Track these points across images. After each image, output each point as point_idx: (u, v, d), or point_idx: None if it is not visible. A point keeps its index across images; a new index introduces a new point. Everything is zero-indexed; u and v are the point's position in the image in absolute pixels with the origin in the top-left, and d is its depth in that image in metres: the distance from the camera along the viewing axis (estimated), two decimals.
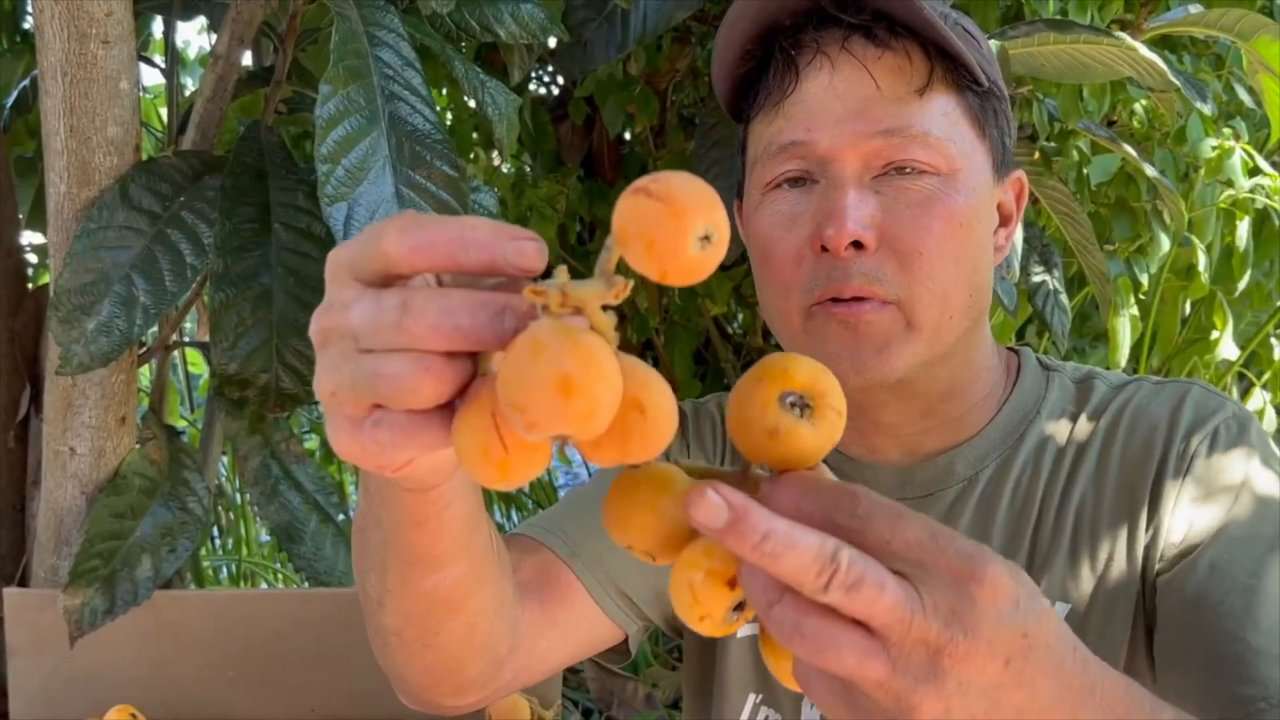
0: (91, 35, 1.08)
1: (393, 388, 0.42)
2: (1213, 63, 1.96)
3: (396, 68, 1.07)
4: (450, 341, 0.42)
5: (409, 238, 0.43)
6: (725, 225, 0.40)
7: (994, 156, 0.83)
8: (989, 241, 0.84)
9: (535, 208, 2.11)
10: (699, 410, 0.98)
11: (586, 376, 0.39)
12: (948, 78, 0.80)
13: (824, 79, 0.79)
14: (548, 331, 0.40)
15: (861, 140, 0.78)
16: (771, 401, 0.46)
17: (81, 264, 1.09)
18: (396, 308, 0.42)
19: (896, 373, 0.79)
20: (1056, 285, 1.61)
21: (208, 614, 1.21)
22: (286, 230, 1.16)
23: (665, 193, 0.39)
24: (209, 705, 1.20)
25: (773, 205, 0.82)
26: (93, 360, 1.09)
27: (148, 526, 1.20)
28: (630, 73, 1.98)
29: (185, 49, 2.79)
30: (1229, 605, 0.73)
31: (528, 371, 0.39)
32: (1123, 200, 1.91)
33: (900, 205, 0.78)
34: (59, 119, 1.10)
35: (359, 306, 0.43)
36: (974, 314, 0.83)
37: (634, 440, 0.42)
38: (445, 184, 1.04)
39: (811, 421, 0.46)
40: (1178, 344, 2.21)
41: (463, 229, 0.43)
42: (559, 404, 0.39)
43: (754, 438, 0.47)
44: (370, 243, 0.44)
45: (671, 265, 0.40)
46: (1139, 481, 0.81)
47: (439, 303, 0.41)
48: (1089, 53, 1.36)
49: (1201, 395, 0.84)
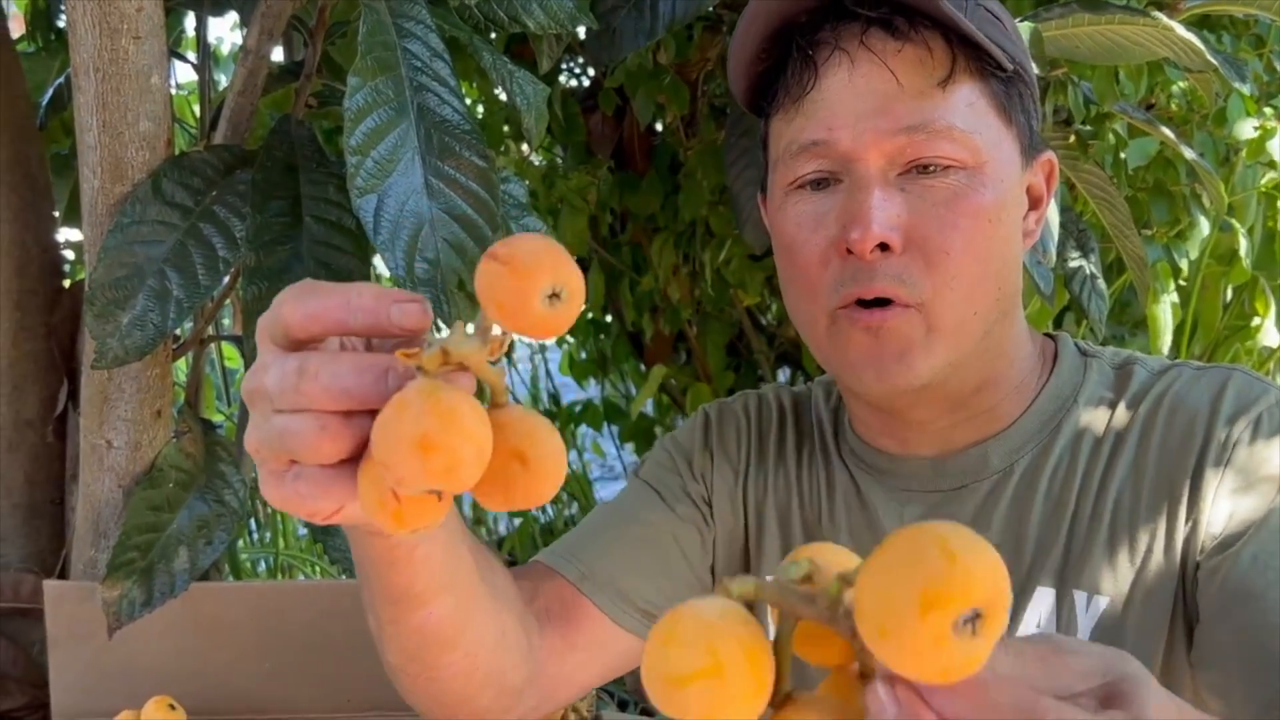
0: (123, 31, 1.09)
1: (298, 445, 0.46)
2: (1253, 42, 1.92)
3: (425, 59, 1.06)
4: (340, 402, 0.45)
5: (301, 306, 0.47)
6: (576, 280, 0.42)
7: (1021, 142, 0.82)
8: (1018, 230, 0.83)
9: (566, 199, 2.11)
10: (723, 412, 0.98)
11: (445, 434, 0.41)
12: (971, 66, 0.78)
13: (843, 76, 0.78)
14: (415, 391, 0.43)
15: (884, 138, 0.77)
16: (945, 633, 0.36)
17: (115, 259, 1.10)
18: (295, 372, 0.46)
19: (921, 379, 0.78)
20: (1093, 271, 1.58)
21: (244, 606, 1.22)
22: (318, 223, 1.17)
23: (509, 256, 0.42)
24: (246, 696, 1.21)
25: (796, 206, 0.81)
26: (127, 354, 1.09)
27: (184, 519, 1.21)
28: (661, 62, 1.97)
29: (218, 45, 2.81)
30: (1272, 598, 0.71)
31: (392, 431, 0.42)
32: (1161, 184, 1.88)
33: (926, 204, 0.77)
34: (91, 115, 1.11)
35: (271, 369, 0.47)
36: (1003, 307, 0.81)
37: (517, 490, 0.45)
38: (475, 174, 1.04)
39: (982, 633, 0.37)
40: (1219, 331, 2.18)
41: (348, 296, 0.46)
42: (420, 461, 0.41)
43: (919, 670, 0.38)
44: (274, 310, 0.48)
45: (523, 323, 0.43)
46: (1179, 471, 0.80)
47: (329, 367, 0.45)
48: (1125, 33, 1.33)
49: (1244, 382, 0.82)
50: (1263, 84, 1.91)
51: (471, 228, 1.03)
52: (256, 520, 2.82)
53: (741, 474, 0.95)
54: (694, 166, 2.08)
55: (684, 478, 0.95)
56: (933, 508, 0.86)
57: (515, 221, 1.22)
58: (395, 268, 0.99)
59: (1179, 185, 1.87)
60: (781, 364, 2.49)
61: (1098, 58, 1.40)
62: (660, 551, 0.91)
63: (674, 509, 0.93)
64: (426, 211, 1.01)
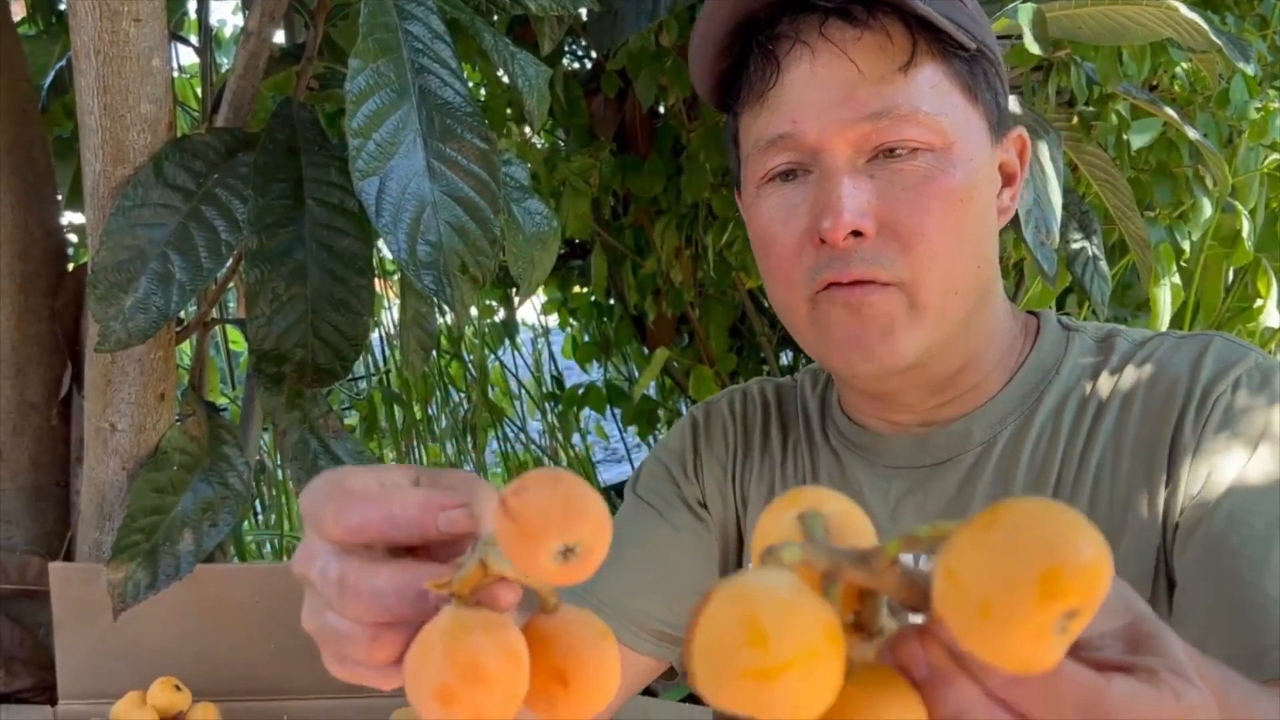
0: (123, 13, 1.08)
1: (348, 649, 0.45)
2: (1256, 23, 1.91)
3: (426, 41, 1.06)
4: (382, 618, 0.44)
5: (342, 520, 0.45)
6: (590, 534, 0.39)
7: (989, 120, 0.82)
8: (992, 208, 0.82)
9: (568, 181, 2.11)
10: (710, 413, 0.98)
11: (465, 686, 0.39)
12: (932, 48, 0.77)
13: (805, 68, 0.78)
14: (439, 632, 0.41)
15: (849, 127, 0.76)
16: (1048, 629, 0.33)
17: (118, 242, 1.10)
18: (336, 583, 0.44)
19: (906, 359, 0.78)
20: (1096, 252, 1.58)
21: (248, 587, 1.22)
22: (320, 206, 1.17)
23: (518, 512, 0.39)
24: (251, 677, 1.21)
25: (768, 199, 0.81)
26: (130, 337, 1.09)
27: (188, 502, 1.21)
28: (663, 45, 1.96)
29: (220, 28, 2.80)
30: (1247, 554, 0.72)
31: (414, 677, 0.41)
32: (1164, 165, 1.87)
33: (896, 188, 0.77)
34: (93, 97, 1.11)
35: (315, 565, 0.46)
36: (983, 284, 0.81)
37: (559, 710, 0.42)
38: (476, 157, 1.04)
39: (1070, 631, 0.34)
40: (1221, 312, 2.17)
41: (390, 508, 0.45)
42: (442, 712, 0.40)
43: (1002, 659, 0.35)
44: (313, 517, 0.46)
45: (537, 578, 0.41)
46: (1159, 435, 0.80)
47: (369, 582, 0.44)
48: (1128, 14, 1.33)
49: (1224, 346, 0.82)
50: (1266, 64, 1.89)
51: (473, 210, 1.03)
52: (261, 502, 2.82)
53: (730, 470, 0.96)
54: (696, 149, 2.08)
55: (678, 484, 0.96)
56: (917, 483, 0.86)
57: (517, 204, 1.22)
58: (397, 250, 0.99)
59: (1182, 166, 1.86)
60: (784, 346, 2.49)
61: (1101, 38, 1.39)
62: (666, 569, 0.92)
63: (672, 523, 0.95)
64: (428, 194, 1.00)
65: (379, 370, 3.18)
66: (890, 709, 0.37)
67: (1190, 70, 1.85)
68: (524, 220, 1.24)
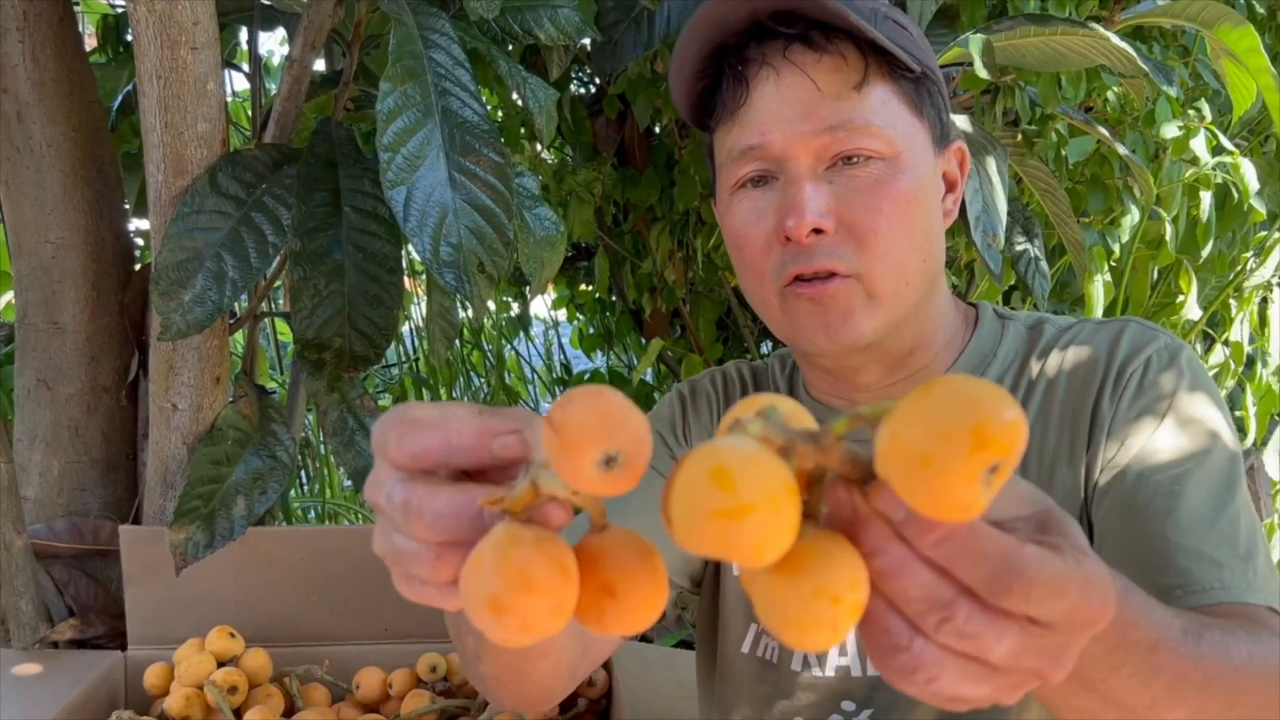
0: (181, 42, 1.08)
1: (417, 569, 0.43)
2: (1180, 52, 1.90)
3: (448, 67, 1.05)
4: (445, 537, 0.42)
5: (405, 446, 0.43)
6: (632, 442, 0.37)
7: (933, 134, 0.82)
8: (937, 210, 0.83)
9: (575, 192, 2.10)
10: (694, 388, 0.98)
11: (513, 595, 0.37)
12: (882, 70, 0.78)
13: (770, 87, 0.78)
14: (490, 546, 0.39)
15: (810, 138, 0.77)
16: (977, 477, 0.35)
17: (177, 244, 1.09)
18: (401, 507, 0.43)
19: (864, 338, 0.79)
20: (1037, 254, 1.57)
21: (296, 547, 1.22)
22: (355, 212, 1.16)
23: (561, 424, 0.37)
24: (297, 626, 1.21)
25: (740, 204, 0.82)
26: (189, 328, 1.09)
27: (241, 472, 1.20)
28: (658, 71, 1.95)
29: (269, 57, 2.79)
30: (1153, 507, 0.73)
31: (468, 589, 0.39)
32: (1097, 177, 1.87)
33: (851, 192, 0.77)
34: (155, 117, 1.10)
35: (383, 491, 0.44)
36: (930, 276, 0.82)
37: (609, 621, 0.40)
38: (492, 169, 1.04)
39: (993, 485, 0.35)
40: (1148, 306, 2.17)
41: (449, 434, 0.43)
42: (494, 622, 0.38)
43: (938, 505, 0.36)
44: (380, 445, 0.45)
45: (584, 488, 0.38)
46: (1081, 409, 0.80)
47: (431, 505, 0.42)
48: (1066, 43, 1.32)
49: (1137, 329, 0.83)
50: (1188, 88, 1.89)
51: (490, 216, 1.02)
52: (306, 473, 2.82)
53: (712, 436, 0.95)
54: (687, 163, 2.07)
55: (670, 446, 0.95)
56: None
57: (529, 211, 1.21)
58: (422, 251, 0.99)
59: (1113, 178, 1.86)
60: (764, 337, 2.48)
61: (1042, 65, 1.39)
62: None
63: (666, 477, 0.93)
64: (450, 202, 1.00)
65: (409, 358, 3.17)
66: (838, 559, 0.37)
67: (1121, 93, 1.84)
68: (535, 225, 1.24)
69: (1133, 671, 0.50)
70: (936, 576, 0.39)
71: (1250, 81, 1.37)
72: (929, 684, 0.40)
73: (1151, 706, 0.52)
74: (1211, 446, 0.75)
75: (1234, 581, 0.69)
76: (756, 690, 0.90)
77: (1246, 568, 0.70)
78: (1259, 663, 0.57)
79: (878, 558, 0.39)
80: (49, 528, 1.30)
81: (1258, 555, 0.71)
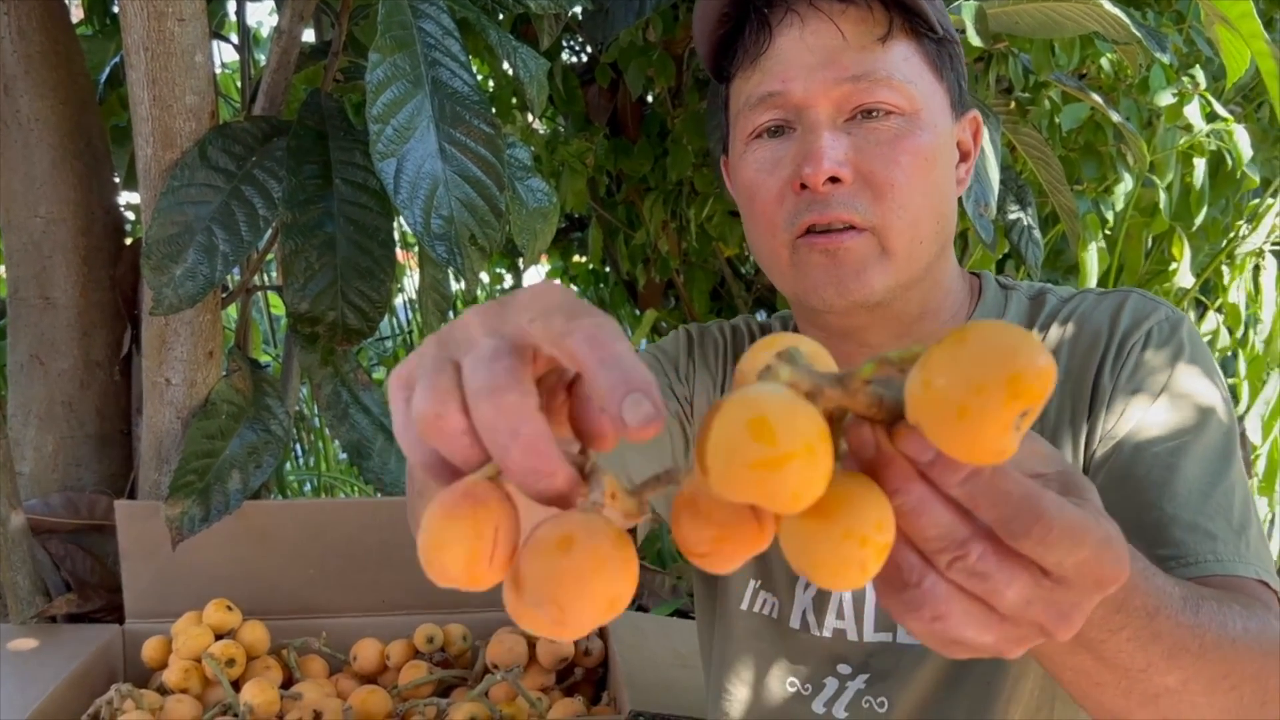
0: (168, 14, 1.07)
1: (435, 427, 0.38)
2: (1173, 18, 1.89)
3: (437, 37, 1.05)
4: (475, 443, 0.37)
5: (556, 337, 0.37)
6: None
7: (951, 98, 0.82)
8: (952, 174, 0.82)
9: (567, 162, 2.09)
10: (703, 332, 0.96)
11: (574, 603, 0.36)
12: (906, 27, 0.78)
13: (795, 34, 0.78)
14: (585, 550, 0.36)
15: (832, 86, 0.76)
16: (1011, 424, 0.35)
17: (168, 218, 1.09)
18: (487, 374, 0.37)
19: (875, 295, 0.78)
20: (1030, 222, 1.57)
21: (291, 521, 1.22)
22: (346, 184, 1.16)
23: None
24: (293, 598, 1.22)
25: (755, 153, 0.81)
26: (181, 302, 1.09)
27: (236, 446, 1.21)
28: (650, 40, 1.94)
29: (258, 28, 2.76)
30: (1150, 479, 0.73)
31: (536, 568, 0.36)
32: (1091, 145, 1.86)
33: (870, 144, 0.77)
34: (143, 89, 1.09)
35: (476, 341, 0.38)
36: (941, 239, 0.81)
37: None
38: (483, 140, 1.03)
39: (1022, 428, 0.36)
40: (1141, 274, 2.17)
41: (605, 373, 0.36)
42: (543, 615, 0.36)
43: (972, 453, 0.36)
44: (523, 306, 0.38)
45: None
46: (1082, 382, 0.80)
47: (528, 425, 0.36)
48: (1060, 10, 1.31)
49: (1138, 301, 0.83)
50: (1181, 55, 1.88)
51: (481, 188, 1.02)
52: (301, 446, 2.82)
53: (719, 384, 0.95)
54: (680, 133, 2.06)
55: (670, 378, 0.94)
56: None
57: (520, 182, 1.21)
58: (414, 223, 0.98)
59: (1107, 146, 1.85)
60: (758, 308, 2.49)
61: (1036, 32, 1.38)
62: (659, 442, 0.90)
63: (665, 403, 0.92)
64: (441, 173, 0.99)
65: (403, 330, 3.17)
66: (865, 500, 0.38)
67: (1115, 60, 1.84)
68: (527, 197, 1.23)
69: (1132, 635, 0.51)
70: (955, 517, 0.39)
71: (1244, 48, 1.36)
72: (934, 621, 0.40)
73: (1146, 670, 0.52)
74: (1208, 420, 0.76)
75: (1227, 554, 0.69)
76: (756, 648, 0.91)
77: (1239, 540, 0.70)
78: (1254, 637, 0.58)
79: (899, 496, 0.39)
80: (45, 503, 1.30)
81: (1250, 528, 0.72)
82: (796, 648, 0.88)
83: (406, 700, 1.10)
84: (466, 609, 1.22)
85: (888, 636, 0.85)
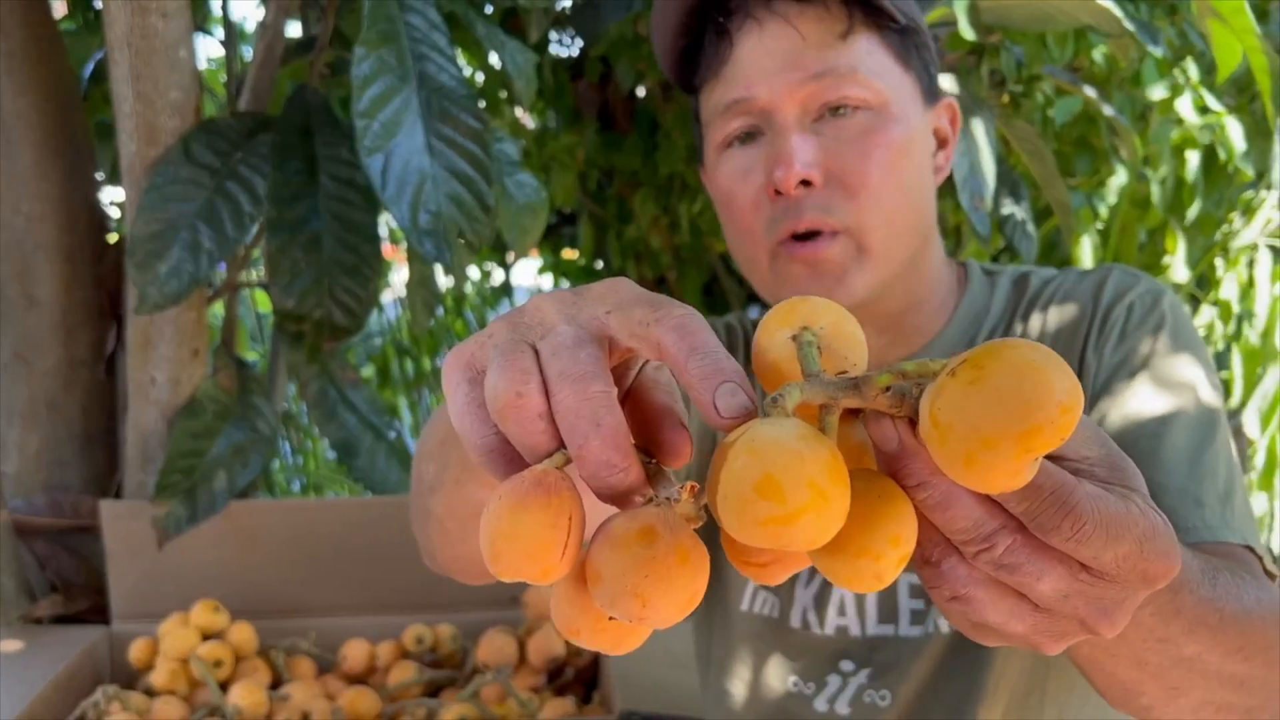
0: (151, 9, 1.06)
1: (512, 408, 0.38)
2: (1166, 11, 1.89)
3: (424, 30, 1.04)
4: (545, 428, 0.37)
5: (644, 330, 0.37)
6: None
7: (921, 86, 0.82)
8: (928, 164, 0.83)
9: (557, 157, 2.09)
10: (730, 329, 0.97)
11: (656, 595, 0.36)
12: (867, 20, 0.78)
13: (754, 39, 0.78)
14: (670, 548, 0.36)
15: (796, 87, 0.77)
16: (1021, 468, 0.35)
17: (151, 215, 1.08)
18: (571, 359, 0.37)
19: (856, 296, 0.78)
20: (1024, 216, 1.57)
21: (279, 520, 1.22)
22: (332, 181, 1.15)
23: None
24: (281, 598, 1.22)
25: (728, 162, 0.81)
26: (165, 300, 1.08)
27: (222, 445, 1.20)
28: (640, 33, 1.94)
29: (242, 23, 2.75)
30: (1138, 448, 0.73)
31: (615, 561, 0.36)
32: (1084, 138, 1.87)
33: (840, 142, 0.77)
34: (126, 85, 1.09)
35: (557, 326, 0.38)
36: (922, 231, 0.82)
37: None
38: (470, 135, 1.03)
39: (1041, 459, 0.36)
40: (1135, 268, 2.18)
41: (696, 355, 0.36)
42: (623, 604, 0.36)
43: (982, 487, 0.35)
44: (602, 299, 0.38)
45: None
46: (1069, 357, 0.81)
47: (608, 415, 0.36)
48: (1052, 3, 1.31)
49: (1120, 275, 0.83)
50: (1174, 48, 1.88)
51: (469, 183, 1.02)
52: (289, 445, 2.82)
53: None
54: (671, 127, 2.06)
55: None
56: None
57: (509, 177, 1.21)
58: (401, 219, 0.98)
59: (1100, 139, 1.85)
60: (751, 304, 2.49)
61: (1028, 25, 1.38)
62: None
63: None
64: (428, 169, 0.99)
65: (391, 327, 3.16)
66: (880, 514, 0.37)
67: (1107, 53, 1.84)
68: (516, 192, 1.23)
69: (1155, 610, 0.50)
70: (984, 509, 0.38)
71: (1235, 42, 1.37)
72: (953, 601, 0.40)
73: (1164, 643, 0.52)
74: (1193, 389, 0.76)
75: (1214, 520, 0.70)
76: (756, 648, 0.91)
77: (1225, 507, 0.71)
78: (1266, 607, 0.58)
79: (924, 490, 0.38)
80: (29, 503, 1.29)
81: (1236, 494, 0.73)
82: (797, 646, 0.88)
83: (396, 701, 1.10)
84: (456, 610, 1.22)
85: (890, 629, 0.85)
